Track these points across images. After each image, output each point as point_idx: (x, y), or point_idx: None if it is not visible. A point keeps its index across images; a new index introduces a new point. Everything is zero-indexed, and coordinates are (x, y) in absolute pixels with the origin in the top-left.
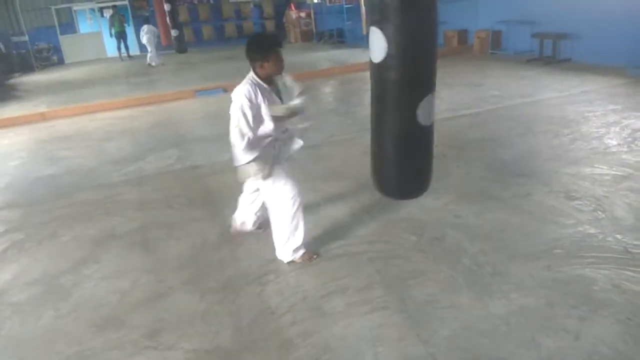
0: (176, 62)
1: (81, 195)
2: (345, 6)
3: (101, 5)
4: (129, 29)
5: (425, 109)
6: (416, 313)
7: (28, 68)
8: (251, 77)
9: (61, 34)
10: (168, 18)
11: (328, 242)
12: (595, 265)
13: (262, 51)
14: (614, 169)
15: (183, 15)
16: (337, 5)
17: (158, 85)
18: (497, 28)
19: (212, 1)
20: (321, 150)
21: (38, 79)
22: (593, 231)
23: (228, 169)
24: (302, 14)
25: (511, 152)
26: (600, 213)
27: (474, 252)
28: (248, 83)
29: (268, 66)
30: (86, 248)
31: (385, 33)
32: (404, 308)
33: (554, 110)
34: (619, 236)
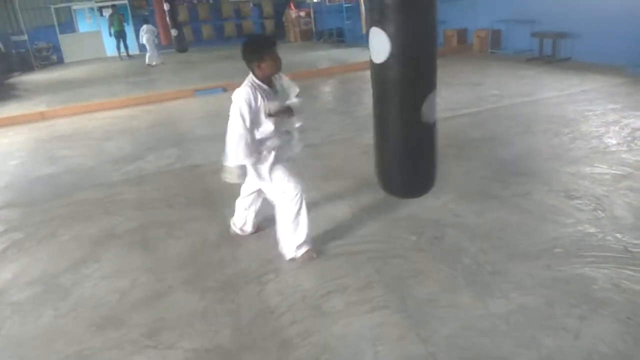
0: (176, 62)
1: (81, 194)
2: (344, 5)
3: (100, 4)
4: (129, 29)
5: (429, 107)
6: (416, 312)
7: (27, 67)
8: (251, 80)
9: (60, 33)
10: (167, 17)
11: (327, 242)
12: (595, 264)
13: (257, 52)
14: (614, 168)
15: (182, 14)
16: (337, 4)
17: (157, 84)
18: (497, 27)
19: (212, 1)
20: (321, 149)
21: (37, 79)
22: (593, 230)
23: None
24: (302, 13)
25: (511, 151)
26: (600, 212)
27: (474, 252)
28: (248, 86)
29: (265, 66)
30: (86, 247)
31: (388, 34)
32: (404, 307)
33: (554, 109)
34: (619, 235)
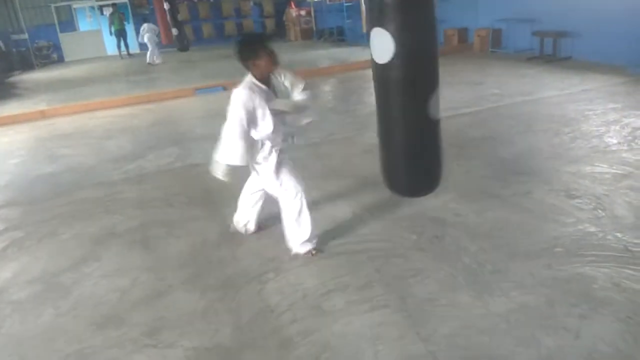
0: (176, 60)
1: (81, 193)
2: (345, 4)
3: (101, 3)
4: (129, 27)
5: (433, 106)
6: (416, 311)
7: (28, 66)
8: (249, 80)
9: (61, 32)
10: (168, 16)
11: (328, 241)
12: (595, 263)
13: (251, 50)
14: (614, 168)
15: (183, 13)
16: (337, 3)
17: (158, 83)
18: (498, 26)
19: None
20: (321, 148)
21: (38, 77)
22: (593, 229)
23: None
24: (302, 12)
25: (511, 151)
26: (600, 211)
27: (474, 251)
28: (246, 87)
29: (261, 63)
30: (86, 246)
31: (392, 34)
32: (404, 306)
33: (554, 108)
34: (619, 234)
